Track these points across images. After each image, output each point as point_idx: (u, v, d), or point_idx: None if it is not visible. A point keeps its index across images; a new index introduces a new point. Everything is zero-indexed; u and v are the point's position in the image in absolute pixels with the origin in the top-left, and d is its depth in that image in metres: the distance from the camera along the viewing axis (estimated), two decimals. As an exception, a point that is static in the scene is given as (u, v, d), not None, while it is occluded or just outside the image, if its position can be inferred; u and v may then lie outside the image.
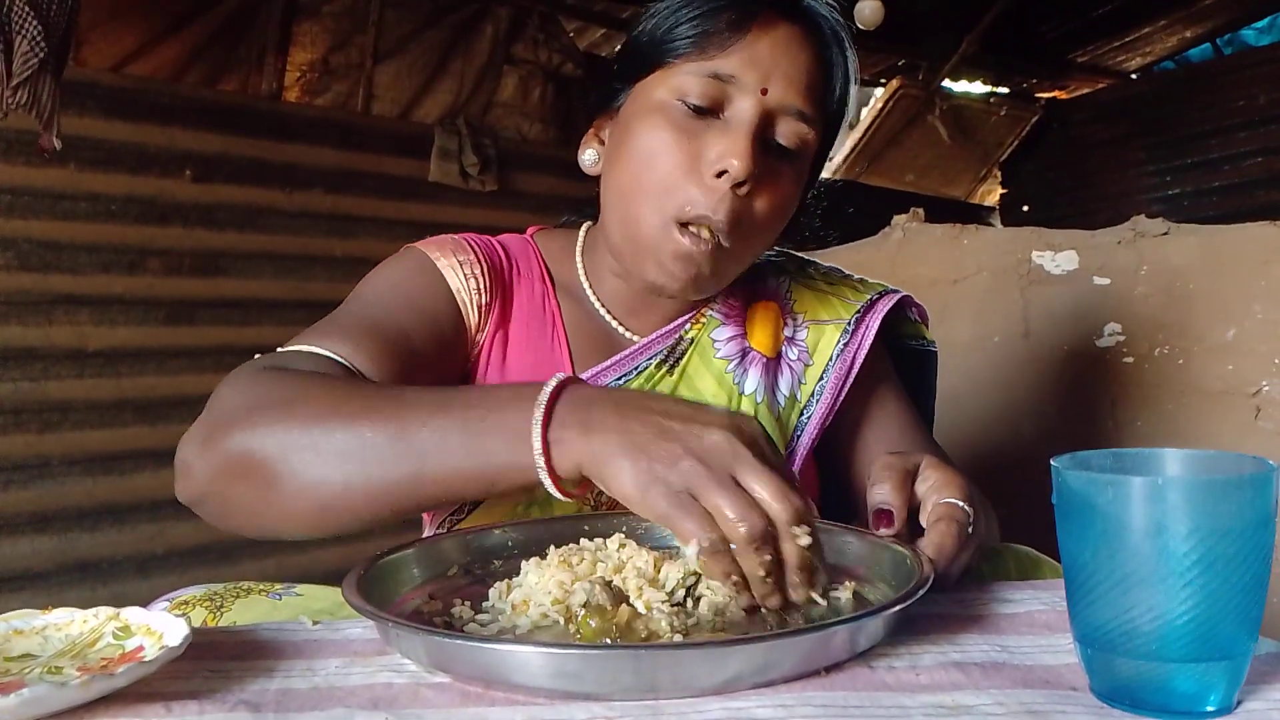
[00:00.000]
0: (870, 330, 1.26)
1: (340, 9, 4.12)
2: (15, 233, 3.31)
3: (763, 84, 1.07)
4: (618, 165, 1.14)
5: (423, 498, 0.83)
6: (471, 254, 1.18)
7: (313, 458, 0.82)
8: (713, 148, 1.06)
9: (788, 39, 1.09)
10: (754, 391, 1.22)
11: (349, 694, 0.66)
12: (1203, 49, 6.73)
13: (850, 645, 0.70)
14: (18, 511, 3.30)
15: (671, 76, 1.10)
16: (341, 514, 0.84)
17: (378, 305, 1.11)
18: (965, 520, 0.87)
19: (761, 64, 1.07)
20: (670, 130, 1.08)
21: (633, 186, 1.11)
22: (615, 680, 0.63)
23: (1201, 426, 1.91)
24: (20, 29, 2.56)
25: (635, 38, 1.16)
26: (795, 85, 1.09)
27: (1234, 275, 1.89)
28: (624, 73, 1.17)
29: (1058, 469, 0.67)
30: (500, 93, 4.54)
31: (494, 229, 1.30)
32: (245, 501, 0.87)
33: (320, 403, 0.85)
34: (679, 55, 1.09)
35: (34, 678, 0.67)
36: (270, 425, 0.85)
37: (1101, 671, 0.65)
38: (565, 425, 0.77)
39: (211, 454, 0.87)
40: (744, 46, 1.07)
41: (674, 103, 1.09)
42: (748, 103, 1.07)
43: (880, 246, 2.60)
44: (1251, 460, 0.67)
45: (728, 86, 1.07)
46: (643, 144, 1.10)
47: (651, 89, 1.11)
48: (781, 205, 1.13)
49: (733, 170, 1.04)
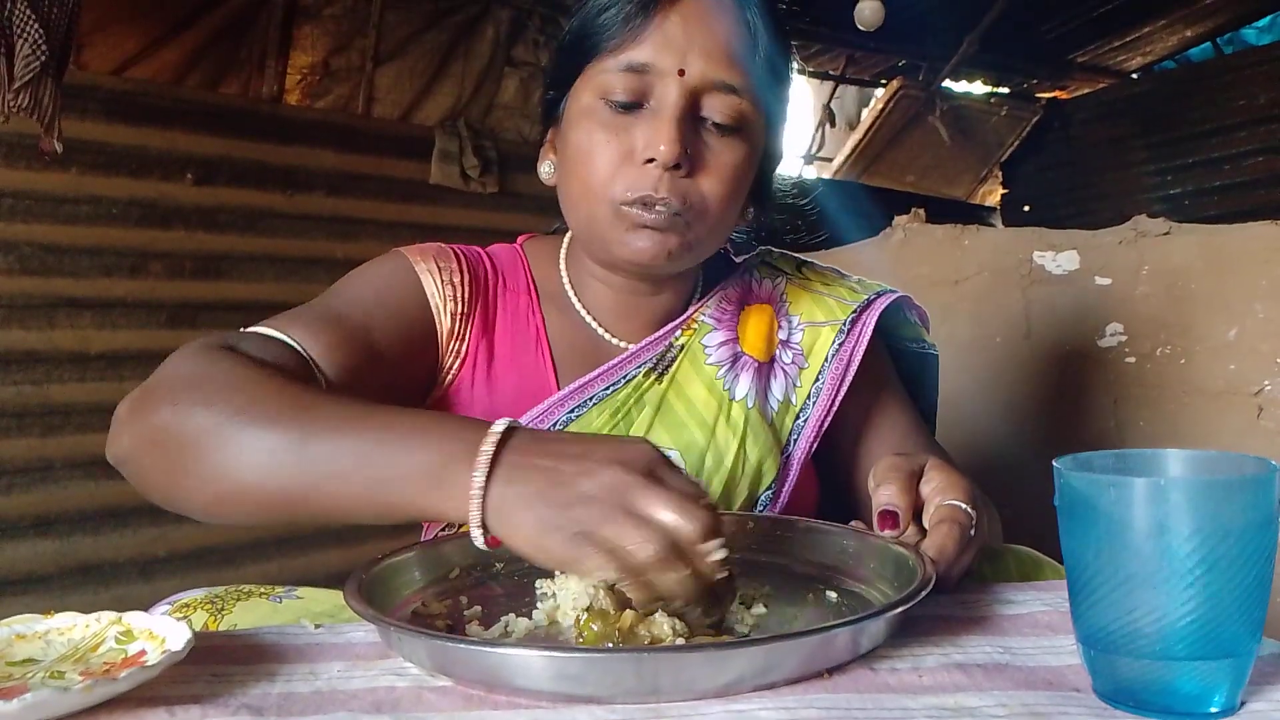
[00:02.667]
0: (866, 330, 1.25)
1: (341, 11, 4.12)
2: (17, 236, 3.31)
3: (678, 65, 1.06)
4: (564, 173, 1.15)
5: (317, 510, 0.84)
6: (454, 262, 1.19)
7: (219, 449, 0.83)
8: (639, 138, 1.07)
9: (700, 11, 1.08)
10: (745, 396, 1.21)
11: (351, 698, 0.66)
12: (1203, 48, 6.73)
13: (853, 647, 0.70)
14: (20, 515, 3.30)
15: (594, 76, 1.10)
16: (236, 510, 0.87)
17: (346, 300, 1.12)
18: (967, 522, 0.87)
19: (675, 45, 1.07)
20: (600, 130, 1.09)
21: (579, 190, 1.11)
22: (617, 683, 0.63)
23: (1203, 426, 1.91)
24: (21, 32, 2.56)
25: (560, 44, 1.17)
26: (714, 58, 1.08)
27: (1235, 274, 1.89)
28: (556, 80, 1.18)
29: (1060, 470, 0.67)
30: (501, 95, 4.54)
31: (495, 231, 1.30)
32: (157, 473, 0.90)
33: (242, 397, 0.86)
34: (597, 53, 1.10)
35: (36, 682, 0.67)
36: (190, 407, 0.86)
37: (1104, 672, 0.65)
38: (498, 482, 0.75)
39: (137, 420, 0.90)
40: (655, 30, 1.07)
41: (599, 103, 1.09)
42: (667, 87, 1.07)
43: (881, 247, 2.59)
44: (1254, 461, 0.67)
45: (646, 76, 1.07)
46: (578, 150, 1.11)
47: (580, 93, 1.12)
48: (732, 180, 1.11)
49: (659, 156, 1.05)
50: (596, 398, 1.17)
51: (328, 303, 1.11)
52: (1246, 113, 5.83)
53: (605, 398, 1.17)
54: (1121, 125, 6.55)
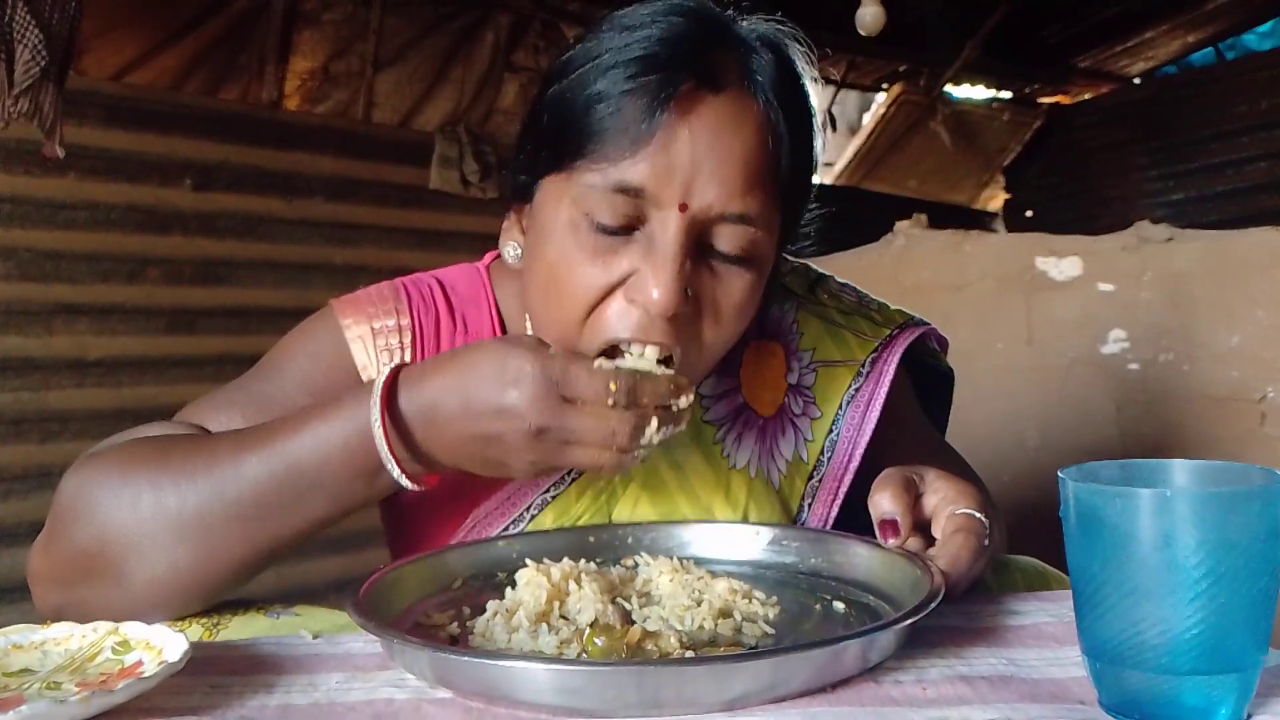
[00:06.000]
0: (888, 373, 1.10)
1: (341, 17, 4.13)
2: (15, 242, 3.32)
3: (681, 198, 0.87)
4: (533, 277, 0.96)
5: (275, 536, 0.84)
6: (394, 318, 1.05)
7: (156, 543, 0.82)
8: (629, 269, 0.89)
9: (715, 126, 0.88)
10: (746, 465, 1.08)
11: (350, 710, 0.66)
12: (1205, 53, 6.73)
13: (861, 660, 0.69)
14: (18, 522, 3.29)
15: (576, 185, 0.89)
16: (206, 589, 0.85)
17: (273, 384, 1.02)
18: (982, 531, 0.86)
19: (679, 170, 0.86)
20: (579, 253, 0.90)
21: (558, 316, 0.93)
22: (619, 697, 0.63)
23: (1206, 433, 1.91)
24: (22, 38, 2.56)
25: (535, 119, 0.96)
26: (726, 185, 0.88)
27: (1238, 280, 1.89)
28: (527, 164, 0.98)
29: (1065, 481, 0.67)
30: (501, 100, 4.54)
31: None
32: (99, 595, 0.83)
33: (144, 470, 0.84)
34: (582, 157, 0.89)
35: (33, 693, 0.66)
36: (94, 509, 0.83)
37: (1110, 685, 0.65)
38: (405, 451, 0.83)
39: (52, 560, 0.86)
40: (657, 149, 0.86)
41: (581, 219, 0.89)
42: (666, 221, 0.87)
43: (883, 253, 2.59)
44: (1260, 472, 0.67)
45: (641, 202, 0.88)
46: (553, 270, 0.92)
47: (558, 194, 0.92)
48: (741, 315, 0.94)
49: (653, 307, 0.87)
50: (575, 473, 1.03)
51: (253, 385, 1.03)
52: (1249, 118, 5.83)
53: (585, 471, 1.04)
54: (1123, 130, 6.54)
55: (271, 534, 0.83)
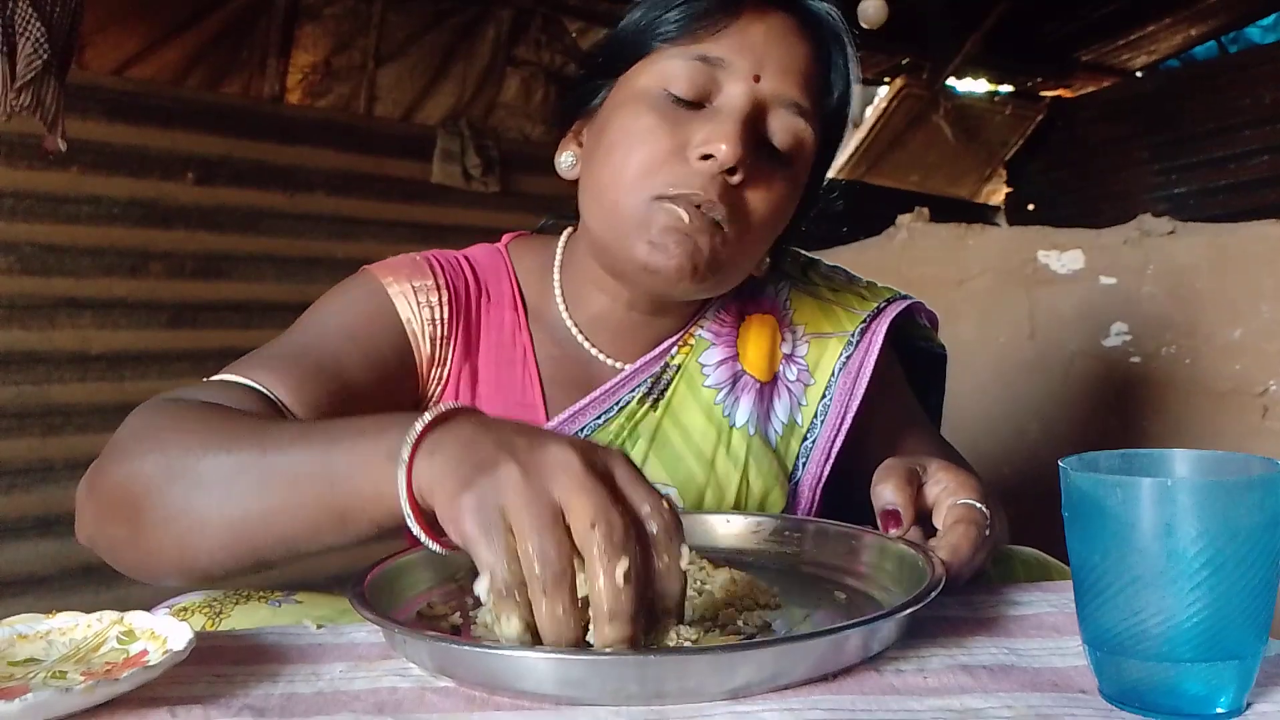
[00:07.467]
0: (876, 342, 1.18)
1: (342, 11, 4.13)
2: (17, 236, 3.32)
3: (755, 70, 0.99)
4: (596, 160, 1.04)
5: (281, 533, 0.78)
6: (431, 279, 1.10)
7: (173, 485, 0.79)
8: (699, 133, 0.97)
9: (783, 28, 1.02)
10: (746, 423, 1.14)
11: (354, 699, 0.66)
12: (1208, 47, 6.73)
13: (862, 650, 0.69)
14: (21, 515, 3.30)
15: (656, 62, 1.02)
16: (200, 552, 0.80)
17: (314, 334, 1.04)
18: (983, 522, 0.86)
19: (754, 50, 0.99)
20: (653, 116, 1.00)
21: (609, 177, 1.01)
22: (621, 687, 0.63)
23: (1209, 426, 1.91)
24: (23, 31, 2.56)
25: (619, 30, 1.08)
26: (791, 76, 1.01)
27: (1241, 274, 1.89)
28: (605, 67, 1.08)
29: (1066, 470, 0.67)
30: (503, 94, 4.54)
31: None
32: (122, 538, 0.84)
33: (193, 436, 0.81)
34: (665, 40, 1.01)
35: (38, 683, 0.67)
36: (141, 458, 0.82)
37: (1110, 674, 0.65)
38: (424, 453, 0.69)
39: (94, 491, 0.86)
40: (736, 31, 1.00)
41: (659, 90, 1.01)
42: (739, 89, 0.99)
43: (885, 246, 2.59)
44: (1261, 461, 0.67)
45: (717, 71, 0.99)
46: (622, 132, 1.01)
47: (634, 79, 1.03)
48: (777, 205, 1.03)
49: (720, 155, 0.95)
50: (588, 428, 1.10)
51: (294, 338, 1.04)
52: (1251, 112, 5.83)
53: (598, 429, 1.10)
54: (1126, 124, 6.54)
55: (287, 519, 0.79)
